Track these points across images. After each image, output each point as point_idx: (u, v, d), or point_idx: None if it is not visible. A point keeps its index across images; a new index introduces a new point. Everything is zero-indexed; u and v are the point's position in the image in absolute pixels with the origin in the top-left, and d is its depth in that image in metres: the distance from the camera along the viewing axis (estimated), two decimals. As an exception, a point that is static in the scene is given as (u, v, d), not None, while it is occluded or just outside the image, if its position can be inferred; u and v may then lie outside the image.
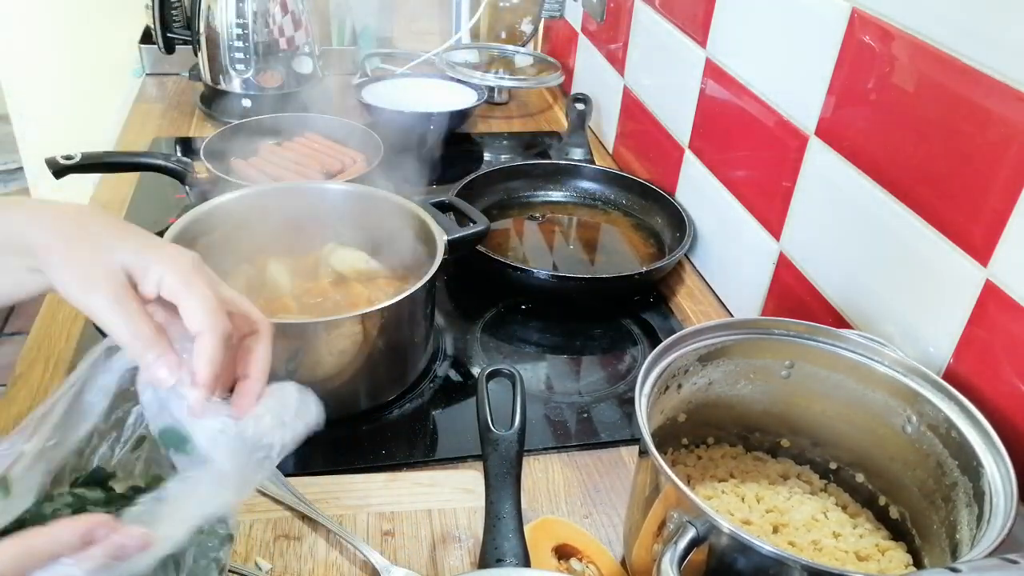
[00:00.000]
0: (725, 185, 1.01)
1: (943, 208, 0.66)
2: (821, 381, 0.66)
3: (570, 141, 1.36)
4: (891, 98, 0.71)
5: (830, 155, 0.79)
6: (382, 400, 0.82)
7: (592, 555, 0.66)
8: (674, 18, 1.12)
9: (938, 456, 0.60)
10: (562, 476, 0.76)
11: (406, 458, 0.77)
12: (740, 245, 0.98)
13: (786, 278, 0.89)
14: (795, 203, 0.86)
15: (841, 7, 0.76)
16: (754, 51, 0.93)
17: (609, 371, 0.91)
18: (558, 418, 0.83)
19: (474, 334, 0.95)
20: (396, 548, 0.66)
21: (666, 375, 0.62)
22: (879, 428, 0.65)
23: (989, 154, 0.61)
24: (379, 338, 0.77)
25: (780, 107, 0.88)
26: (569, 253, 1.12)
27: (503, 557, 0.56)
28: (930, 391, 0.61)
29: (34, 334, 0.89)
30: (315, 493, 0.69)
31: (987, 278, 0.62)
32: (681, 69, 1.09)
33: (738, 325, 0.66)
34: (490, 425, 0.64)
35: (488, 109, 1.56)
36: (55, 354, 0.85)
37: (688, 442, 0.73)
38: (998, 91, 0.60)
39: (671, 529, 0.54)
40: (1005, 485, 0.54)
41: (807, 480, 0.71)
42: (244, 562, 0.63)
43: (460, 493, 0.71)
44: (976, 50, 0.62)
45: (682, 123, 1.11)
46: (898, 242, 0.71)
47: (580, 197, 1.23)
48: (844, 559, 0.62)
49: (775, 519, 0.65)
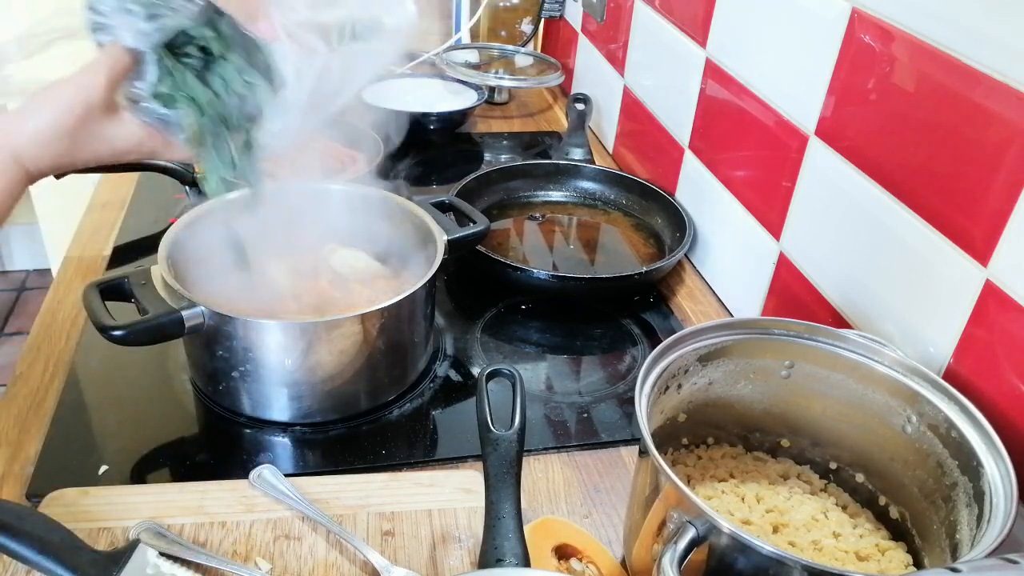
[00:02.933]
0: (725, 185, 1.01)
1: (943, 208, 0.66)
2: (821, 381, 0.66)
3: (570, 141, 1.36)
4: (891, 98, 0.71)
5: (830, 155, 0.79)
6: (382, 400, 0.82)
7: (592, 555, 0.66)
8: (674, 18, 1.12)
9: (938, 456, 0.60)
10: (562, 476, 0.76)
11: (406, 458, 0.77)
12: (740, 245, 0.98)
13: (786, 278, 0.89)
14: (795, 203, 0.86)
15: (841, 7, 0.76)
16: (754, 51, 0.93)
17: (609, 371, 0.91)
18: (558, 418, 0.83)
19: (474, 334, 0.95)
20: (396, 548, 0.66)
21: (666, 375, 0.62)
22: (879, 428, 0.65)
23: (989, 154, 0.61)
24: (379, 338, 0.77)
25: (780, 107, 0.88)
26: (569, 253, 1.12)
27: (503, 557, 0.56)
28: (930, 391, 0.61)
29: (34, 334, 0.89)
30: (315, 493, 0.69)
31: (987, 278, 0.62)
32: (681, 69, 1.10)
33: (738, 325, 0.66)
34: (490, 425, 0.64)
35: (488, 109, 1.56)
36: (55, 354, 0.86)
37: (688, 442, 0.73)
38: (998, 91, 0.60)
39: (671, 529, 0.54)
40: (1005, 485, 0.54)
41: (807, 480, 0.71)
42: (244, 562, 0.63)
43: (460, 493, 0.71)
44: (976, 50, 0.62)
45: (682, 123, 1.11)
46: (898, 242, 0.71)
47: (580, 197, 1.23)
48: (844, 559, 0.62)
49: (775, 519, 0.65)
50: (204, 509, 0.67)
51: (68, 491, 0.68)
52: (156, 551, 0.61)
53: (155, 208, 1.13)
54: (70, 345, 0.87)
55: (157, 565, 0.60)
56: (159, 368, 0.85)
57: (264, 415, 0.78)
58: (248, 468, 0.71)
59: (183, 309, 0.70)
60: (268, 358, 0.75)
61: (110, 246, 1.05)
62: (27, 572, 0.60)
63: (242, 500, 0.68)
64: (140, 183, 1.19)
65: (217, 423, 0.79)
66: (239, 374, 0.76)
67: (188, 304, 0.71)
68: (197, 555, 0.62)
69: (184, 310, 0.70)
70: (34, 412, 0.78)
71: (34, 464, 0.73)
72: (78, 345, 0.87)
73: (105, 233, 1.08)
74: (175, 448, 0.77)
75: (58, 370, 0.83)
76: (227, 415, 0.79)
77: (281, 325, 0.74)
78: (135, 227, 1.09)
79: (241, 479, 0.70)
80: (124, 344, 0.69)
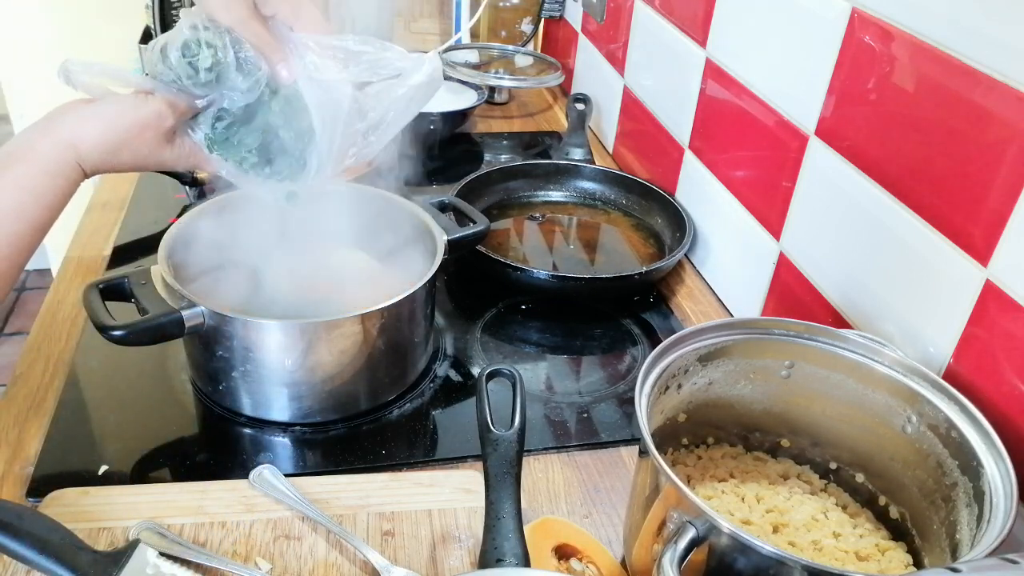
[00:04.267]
0: (725, 185, 1.01)
1: (943, 208, 0.66)
2: (821, 381, 0.66)
3: (570, 141, 1.36)
4: (891, 98, 0.71)
5: (830, 155, 0.79)
6: (382, 400, 0.82)
7: (592, 555, 0.66)
8: (674, 18, 1.12)
9: (938, 456, 0.60)
10: (562, 476, 0.76)
11: (406, 458, 0.77)
12: (740, 245, 0.98)
13: (786, 278, 0.89)
14: (795, 203, 0.86)
15: (841, 7, 0.76)
16: (754, 51, 0.93)
17: (609, 371, 0.91)
18: (558, 418, 0.83)
19: (474, 334, 0.95)
20: (396, 548, 0.66)
21: (666, 375, 0.62)
22: (879, 428, 0.65)
23: (989, 154, 0.61)
24: (379, 338, 0.77)
25: (780, 107, 0.88)
26: (569, 253, 1.12)
27: (503, 557, 0.56)
28: (930, 391, 0.61)
29: (34, 334, 0.89)
30: (315, 493, 0.69)
31: (987, 278, 0.62)
32: (681, 69, 1.10)
33: (738, 325, 0.66)
34: (490, 425, 0.64)
35: (488, 109, 1.56)
36: (55, 354, 0.86)
37: (688, 442, 0.73)
38: (998, 91, 0.60)
39: (671, 529, 0.54)
40: (1005, 485, 0.54)
41: (807, 480, 0.71)
42: (244, 562, 0.63)
43: (460, 493, 0.71)
44: (976, 50, 0.62)
45: (682, 123, 1.11)
46: (898, 242, 0.71)
47: (580, 197, 1.23)
48: (844, 559, 0.62)
49: (775, 519, 0.65)
50: (204, 509, 0.67)
51: (68, 491, 0.68)
52: (156, 551, 0.61)
53: (155, 208, 1.13)
54: (70, 345, 0.87)
55: (157, 565, 0.60)
56: (159, 368, 0.85)
57: (264, 415, 0.78)
58: (248, 468, 0.71)
59: (183, 309, 0.70)
60: (268, 358, 0.75)
61: (110, 246, 1.05)
62: (27, 572, 0.60)
63: (242, 500, 0.68)
64: (140, 183, 1.19)
65: (217, 423, 0.79)
66: (239, 374, 0.76)
67: (188, 304, 0.71)
68: (197, 555, 0.62)
69: (184, 310, 0.70)
70: (34, 412, 0.78)
71: (34, 464, 0.73)
72: (78, 345, 0.87)
73: (105, 233, 1.08)
74: (175, 448, 0.77)
75: (58, 370, 0.83)
76: (227, 415, 0.79)
77: (281, 325, 0.74)
78: (135, 227, 1.09)
79: (241, 479, 0.70)
80: (124, 344, 0.69)
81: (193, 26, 0.66)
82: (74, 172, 0.67)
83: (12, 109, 2.10)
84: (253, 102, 0.70)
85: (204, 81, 0.68)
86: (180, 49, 0.67)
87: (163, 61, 0.67)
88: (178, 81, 0.68)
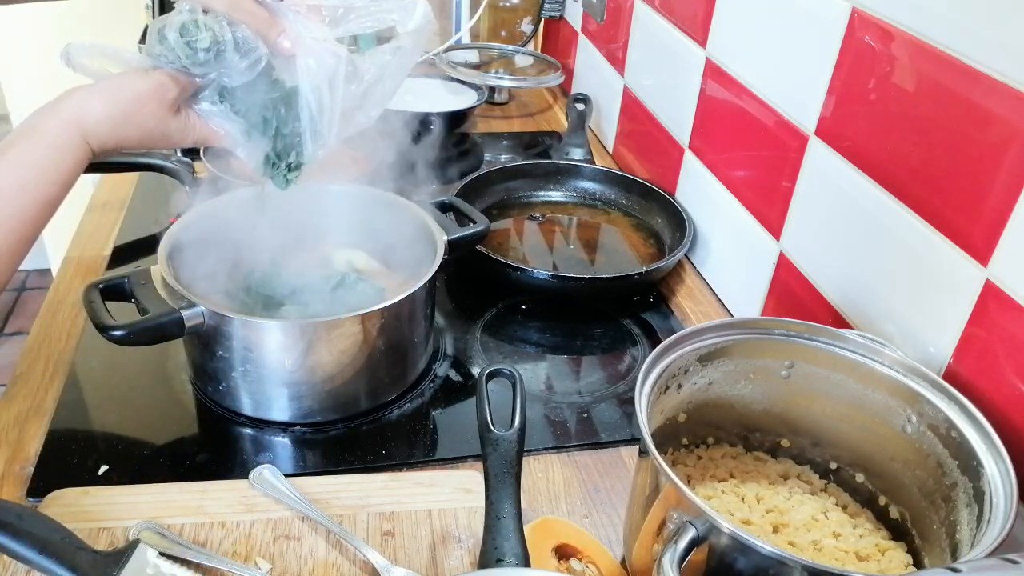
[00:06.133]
0: (725, 185, 1.01)
1: (943, 208, 0.66)
2: (821, 381, 0.66)
3: (570, 141, 1.36)
4: (891, 98, 0.71)
5: (830, 155, 0.79)
6: (382, 400, 0.82)
7: (592, 555, 0.66)
8: (674, 18, 1.12)
9: (938, 456, 0.60)
10: (562, 476, 0.76)
11: (406, 458, 0.77)
12: (740, 245, 0.98)
13: (786, 278, 0.89)
14: (795, 203, 0.86)
15: (841, 7, 0.76)
16: (754, 51, 0.93)
17: (609, 371, 0.91)
18: (558, 418, 0.83)
19: (474, 334, 0.95)
20: (396, 548, 0.66)
21: (666, 375, 0.62)
22: (879, 428, 0.65)
23: (989, 154, 0.61)
24: (379, 338, 0.77)
25: (780, 107, 0.88)
26: (569, 253, 1.12)
27: (503, 557, 0.56)
28: (930, 391, 0.61)
29: (34, 334, 0.89)
30: (315, 493, 0.69)
31: (987, 278, 0.62)
32: (681, 69, 1.10)
33: (738, 325, 0.66)
34: (490, 425, 0.64)
35: (488, 109, 1.56)
36: (55, 354, 0.86)
37: (688, 442, 0.73)
38: (998, 91, 0.60)
39: (671, 529, 0.54)
40: (1005, 485, 0.54)
41: (807, 480, 0.71)
42: (244, 562, 0.63)
43: (460, 493, 0.71)
44: (976, 50, 0.62)
45: (682, 123, 1.11)
46: (898, 242, 0.71)
47: (580, 197, 1.23)
48: (844, 559, 0.62)
49: (775, 519, 0.65)
50: (204, 509, 0.67)
51: (68, 491, 0.68)
52: (156, 551, 0.61)
53: (155, 208, 1.13)
54: (70, 345, 0.87)
55: (157, 565, 0.60)
56: (159, 368, 0.85)
57: (264, 415, 0.78)
58: (248, 468, 0.71)
59: (183, 309, 0.70)
60: (268, 358, 0.75)
61: (110, 246, 1.05)
62: (27, 572, 0.60)
63: (242, 500, 0.68)
64: (140, 183, 1.19)
65: (217, 423, 0.79)
66: (239, 374, 0.76)
67: (188, 304, 0.71)
68: (197, 555, 0.62)
69: (184, 310, 0.70)
70: (34, 412, 0.78)
71: (34, 464, 0.73)
72: (78, 345, 0.87)
73: (105, 233, 1.08)
74: (175, 448, 0.77)
75: (58, 370, 0.83)
76: (227, 415, 0.79)
77: (281, 325, 0.74)
78: (135, 227, 1.09)
79: (241, 479, 0.70)
80: (124, 344, 0.69)
81: (191, 9, 0.67)
82: (80, 149, 0.67)
83: (12, 109, 2.10)
84: (257, 76, 0.70)
85: (203, 61, 0.68)
86: (178, 30, 0.67)
87: (161, 43, 0.68)
88: (177, 62, 0.68)
